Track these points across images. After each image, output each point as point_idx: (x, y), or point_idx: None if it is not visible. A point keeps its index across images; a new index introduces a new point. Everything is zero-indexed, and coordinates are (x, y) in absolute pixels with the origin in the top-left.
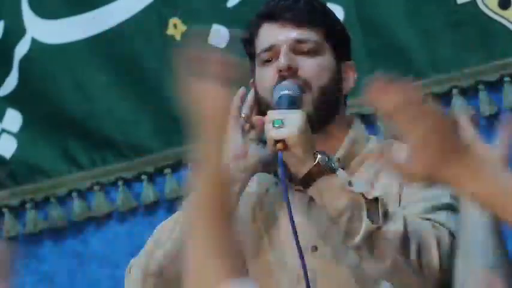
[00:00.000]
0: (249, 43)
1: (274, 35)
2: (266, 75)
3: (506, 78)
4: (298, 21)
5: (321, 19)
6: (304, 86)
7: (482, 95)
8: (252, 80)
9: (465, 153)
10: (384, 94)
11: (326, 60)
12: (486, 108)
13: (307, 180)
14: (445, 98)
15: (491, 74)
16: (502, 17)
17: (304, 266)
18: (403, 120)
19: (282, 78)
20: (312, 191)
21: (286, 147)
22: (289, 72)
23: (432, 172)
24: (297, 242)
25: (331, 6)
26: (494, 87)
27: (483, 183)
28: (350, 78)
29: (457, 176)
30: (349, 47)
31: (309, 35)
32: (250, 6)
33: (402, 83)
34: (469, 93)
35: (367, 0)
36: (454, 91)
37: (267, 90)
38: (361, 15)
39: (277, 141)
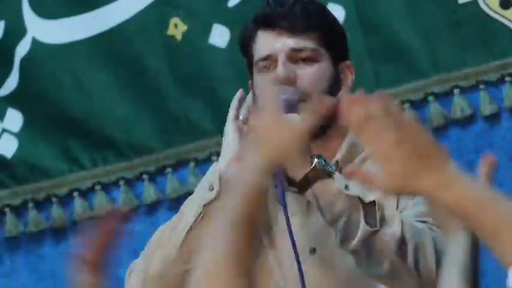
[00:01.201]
0: (246, 47)
1: (271, 43)
2: (264, 83)
3: (507, 78)
4: (294, 29)
5: (317, 24)
6: (303, 96)
7: (483, 94)
8: (250, 82)
9: (437, 161)
10: (351, 108)
11: (324, 67)
12: (487, 108)
13: (304, 184)
14: (445, 97)
15: (491, 74)
16: (503, 16)
17: (300, 269)
18: (369, 133)
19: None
20: (309, 194)
21: None
22: (288, 83)
23: (403, 183)
24: (293, 245)
25: (331, 6)
26: (495, 87)
27: (455, 192)
28: (348, 78)
29: (429, 185)
30: (346, 47)
31: (306, 43)
32: (250, 6)
33: (370, 96)
34: (470, 93)
35: (367, 0)
36: (455, 91)
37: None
38: (361, 15)
39: None
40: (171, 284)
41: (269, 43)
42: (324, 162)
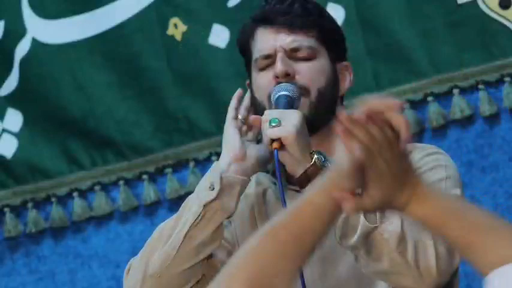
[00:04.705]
0: (245, 45)
1: (270, 41)
2: (263, 81)
3: (507, 78)
4: (293, 27)
5: (316, 22)
6: (302, 91)
7: (483, 94)
8: (248, 81)
9: (414, 179)
10: (352, 129)
11: (322, 63)
12: (486, 108)
13: (304, 180)
14: (445, 97)
15: (491, 74)
16: (503, 16)
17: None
18: (367, 152)
19: (279, 84)
20: None
21: (282, 146)
22: (286, 79)
23: (386, 201)
24: None
25: (331, 6)
26: (495, 87)
27: (426, 205)
28: (346, 78)
29: (408, 202)
30: (344, 48)
31: (304, 41)
32: (250, 6)
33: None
34: (469, 93)
35: (367, 0)
36: (455, 91)
37: (263, 95)
38: (361, 15)
39: (273, 140)
40: (170, 284)
41: (268, 41)
42: (323, 158)
